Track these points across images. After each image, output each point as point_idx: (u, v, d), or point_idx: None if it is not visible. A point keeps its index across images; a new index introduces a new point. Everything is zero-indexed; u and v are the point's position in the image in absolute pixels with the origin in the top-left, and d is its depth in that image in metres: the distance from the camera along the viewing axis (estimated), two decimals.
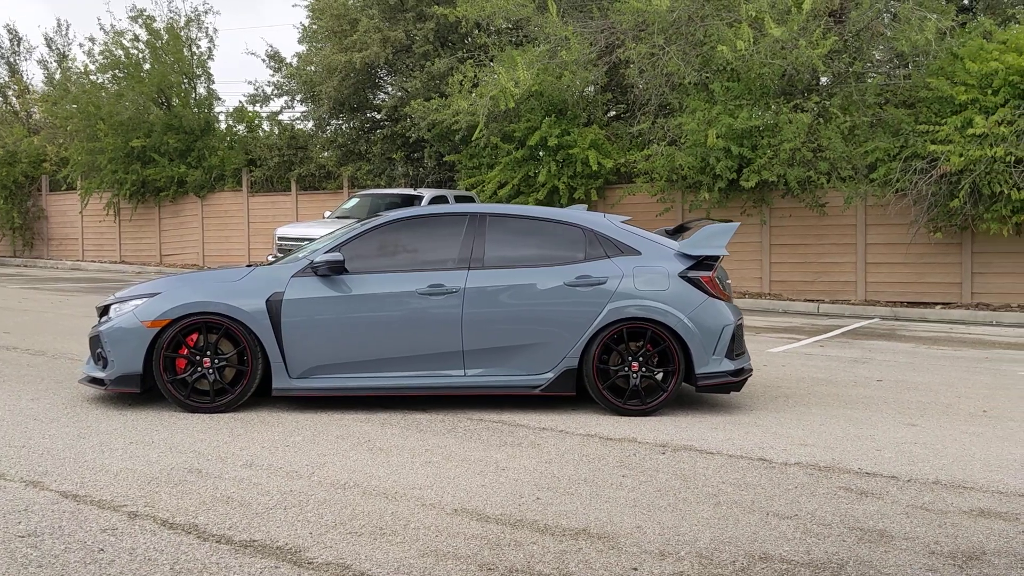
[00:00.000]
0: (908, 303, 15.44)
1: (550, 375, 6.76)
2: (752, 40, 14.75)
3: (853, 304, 15.58)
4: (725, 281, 7.21)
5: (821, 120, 15.53)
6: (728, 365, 6.87)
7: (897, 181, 14.64)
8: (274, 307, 6.63)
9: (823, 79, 16.46)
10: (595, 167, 16.74)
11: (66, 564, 3.71)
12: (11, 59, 27.00)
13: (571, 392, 6.80)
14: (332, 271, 6.68)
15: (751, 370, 7.16)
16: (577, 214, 7.21)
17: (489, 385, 6.76)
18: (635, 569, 3.82)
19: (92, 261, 24.46)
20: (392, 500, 4.65)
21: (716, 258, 7.02)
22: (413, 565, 3.80)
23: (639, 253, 6.94)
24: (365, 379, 6.71)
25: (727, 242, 7.00)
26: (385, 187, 19.91)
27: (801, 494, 4.92)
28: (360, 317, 6.68)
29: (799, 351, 10.73)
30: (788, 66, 15.12)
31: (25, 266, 24.61)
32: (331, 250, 6.82)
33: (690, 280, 6.86)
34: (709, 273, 6.91)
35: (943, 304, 15.16)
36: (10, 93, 27.17)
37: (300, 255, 7.06)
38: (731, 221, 7.26)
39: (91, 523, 4.20)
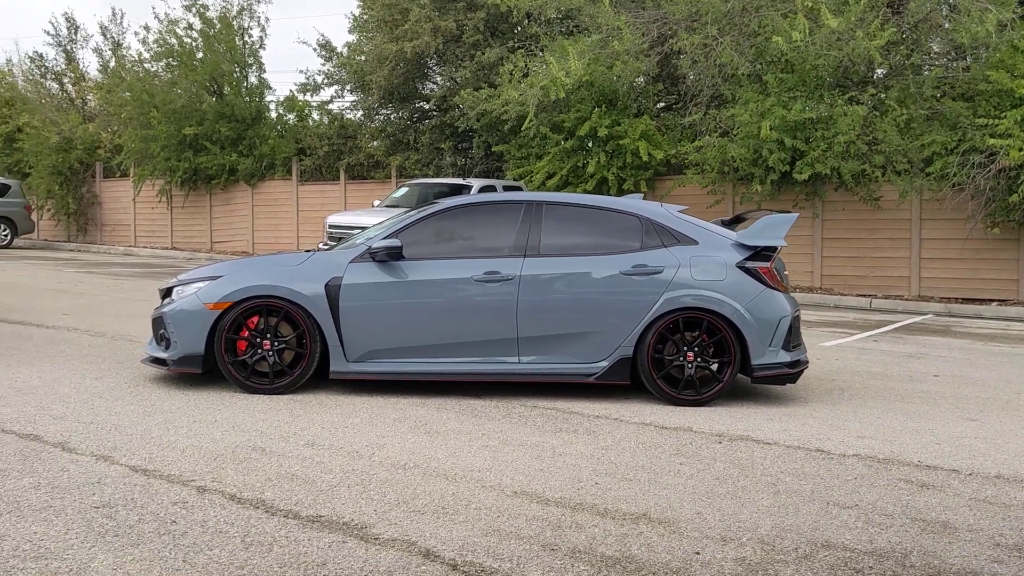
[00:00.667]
0: (963, 299, 15.22)
1: (604, 363, 6.80)
2: (808, 31, 14.60)
3: (906, 300, 15.40)
4: (783, 272, 7.18)
5: (877, 113, 15.34)
6: (784, 356, 6.85)
7: (954, 175, 14.43)
8: (333, 292, 6.74)
9: (879, 71, 16.25)
10: (645, 158, 16.70)
11: (141, 534, 3.83)
12: (68, 47, 27.56)
13: (625, 381, 6.83)
14: (390, 257, 6.78)
15: (807, 362, 7.13)
16: (634, 203, 7.23)
17: (543, 372, 6.82)
18: (697, 553, 3.86)
19: (144, 247, 24.93)
20: (452, 481, 4.72)
21: (774, 248, 7.00)
22: (477, 544, 3.86)
23: (696, 243, 6.94)
24: (420, 364, 6.80)
25: (786, 233, 6.98)
26: (433, 177, 20.03)
27: (861, 485, 4.90)
28: (416, 303, 6.77)
29: (852, 345, 10.64)
30: (844, 58, 14.95)
31: (79, 251, 25.14)
32: (389, 236, 6.92)
33: (747, 270, 6.85)
34: (767, 264, 6.89)
35: (999, 301, 14.92)
36: (66, 81, 27.73)
37: (358, 241, 7.17)
38: (790, 212, 7.23)
39: (162, 496, 4.32)
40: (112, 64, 25.55)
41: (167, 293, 7.15)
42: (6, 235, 23.94)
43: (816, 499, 4.64)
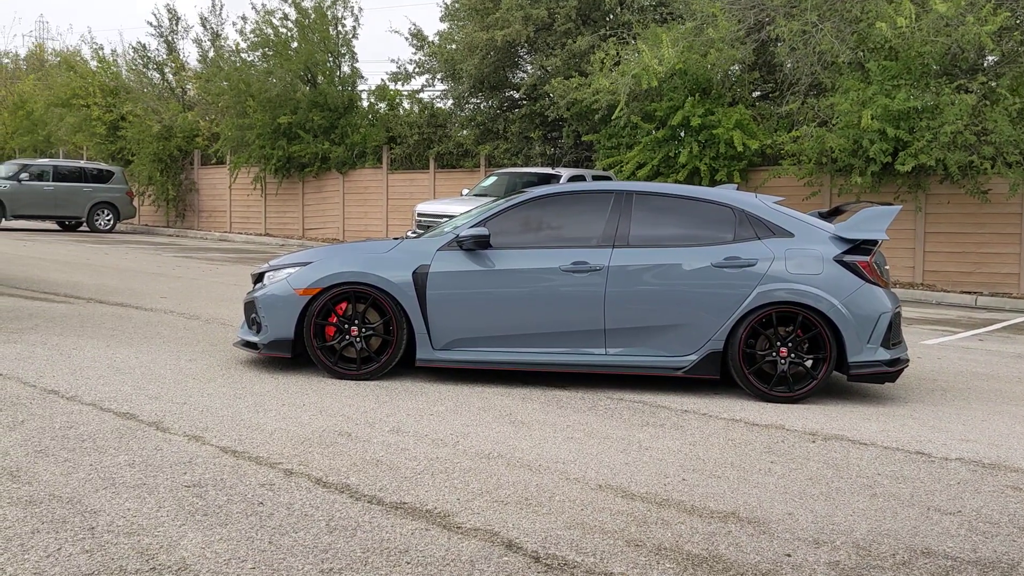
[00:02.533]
0: None
1: (693, 357, 6.67)
2: (914, 16, 14.08)
3: (1015, 298, 14.75)
4: (883, 267, 6.94)
5: (987, 102, 14.70)
6: (883, 354, 6.62)
7: None
8: (420, 279, 6.77)
9: (990, 58, 15.57)
10: (739, 148, 16.37)
11: (229, 514, 3.91)
12: (169, 38, 28.39)
13: (715, 375, 6.70)
14: (477, 245, 6.78)
15: (908, 361, 6.88)
16: (727, 193, 7.07)
17: (630, 365, 6.73)
18: (788, 555, 3.74)
19: (239, 233, 25.60)
20: (536, 472, 4.69)
21: (875, 242, 6.77)
22: (560, 536, 3.83)
23: (792, 235, 6.75)
24: (506, 353, 6.79)
25: (888, 226, 6.74)
26: (522, 166, 20.03)
27: (964, 490, 4.70)
28: (503, 292, 6.75)
29: (956, 344, 10.24)
30: (952, 44, 14.38)
31: (177, 236, 25.97)
32: (477, 224, 6.92)
33: (846, 264, 6.63)
34: (866, 258, 6.66)
35: None
36: (167, 70, 28.61)
37: (446, 229, 7.19)
38: (892, 204, 6.98)
39: (250, 478, 4.41)
40: (211, 54, 26.26)
41: (259, 278, 7.30)
42: (109, 220, 24.86)
43: (915, 503, 4.46)
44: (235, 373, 6.86)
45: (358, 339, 6.82)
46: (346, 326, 6.83)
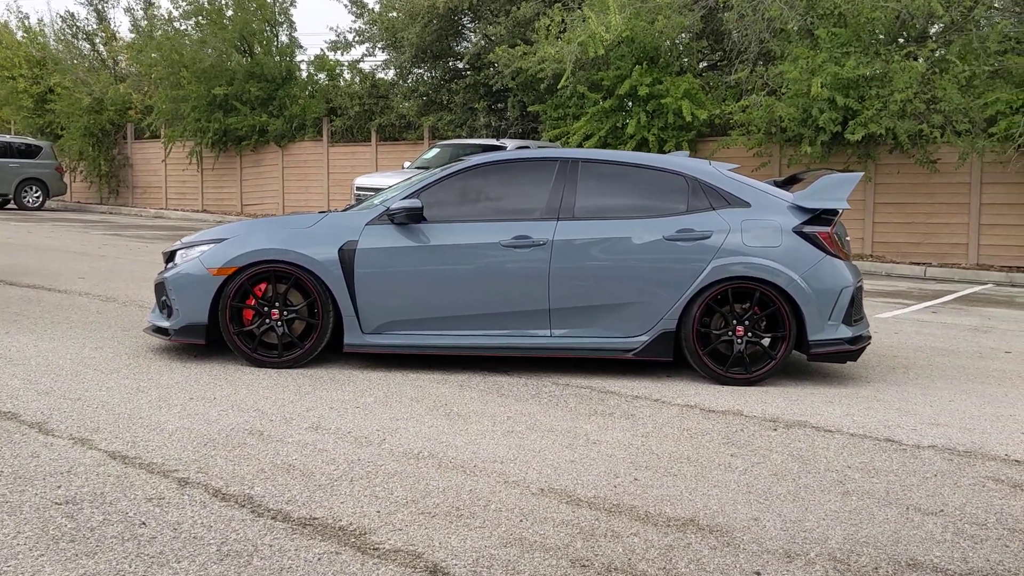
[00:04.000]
0: None
1: (644, 338, 6.14)
2: None
3: (964, 268, 14.52)
4: (844, 238, 6.46)
5: (936, 70, 14.38)
6: (845, 332, 6.15)
7: (1020, 136, 13.47)
8: (347, 257, 6.14)
9: (939, 25, 15.23)
10: (688, 118, 15.86)
11: (102, 539, 3.28)
12: (99, 6, 27.02)
13: (667, 357, 6.18)
14: (409, 219, 6.15)
15: (870, 338, 6.43)
16: (679, 160, 6.52)
17: (577, 347, 6.18)
18: (757, 573, 3.22)
19: (175, 209, 24.56)
20: (470, 475, 4.12)
21: (835, 212, 6.28)
22: (495, 557, 3.26)
23: (748, 205, 6.23)
24: (442, 336, 6.19)
25: (849, 194, 6.25)
26: (467, 138, 19.34)
27: (943, 484, 4.23)
28: (439, 270, 6.15)
29: (910, 317, 9.88)
30: (902, 10, 14.00)
31: (110, 213, 24.84)
32: (409, 196, 6.29)
33: (805, 236, 6.14)
34: (827, 228, 6.17)
35: None
36: (97, 41, 27.26)
37: (376, 201, 6.55)
38: (852, 172, 6.50)
39: (136, 490, 3.77)
40: (143, 23, 25.05)
41: (171, 257, 6.60)
42: (38, 197, 23.67)
43: (892, 502, 3.97)
44: (142, 362, 6.17)
45: (279, 323, 6.17)
46: (266, 309, 6.17)
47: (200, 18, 22.87)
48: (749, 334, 6.13)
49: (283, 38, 23.35)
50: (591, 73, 16.66)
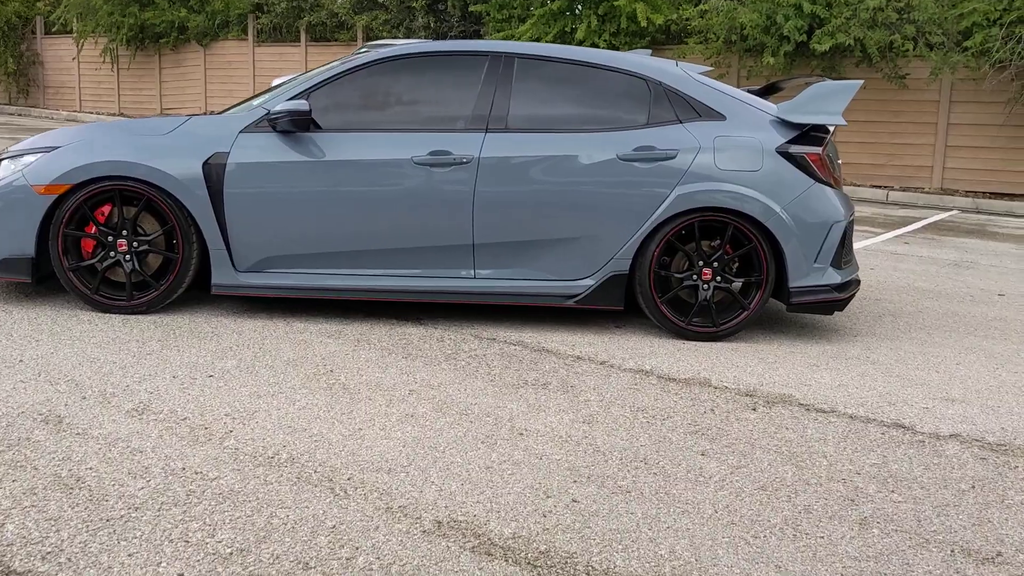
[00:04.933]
0: (991, 194, 13.30)
1: (590, 281, 4.89)
2: None
3: (927, 192, 13.48)
4: (836, 161, 5.22)
5: None
6: (833, 276, 4.96)
7: (996, 51, 12.27)
8: (215, 173, 4.73)
9: None
10: (642, 23, 14.35)
11: None
12: None
13: (617, 306, 4.94)
14: (295, 126, 4.74)
15: (859, 283, 5.26)
16: (639, 60, 5.16)
17: (506, 292, 4.90)
18: None
19: (89, 112, 22.46)
20: (339, 497, 2.85)
21: (827, 130, 5.02)
22: None
23: (723, 118, 4.93)
24: (337, 277, 4.86)
25: (845, 107, 4.97)
26: (402, 40, 17.59)
27: (987, 503, 3.08)
28: (333, 192, 4.78)
29: (883, 249, 8.77)
30: None
31: (19, 115, 22.66)
32: (296, 97, 4.87)
33: (791, 158, 4.88)
34: (818, 149, 4.92)
35: None
36: None
37: (255, 103, 5.10)
38: (849, 80, 5.24)
39: None
40: None
41: None
42: None
43: (929, 539, 2.81)
44: None
45: (128, 257, 4.78)
46: (110, 239, 4.77)
47: None
48: (718, 278, 4.91)
49: None
50: None
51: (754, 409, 3.88)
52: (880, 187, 13.83)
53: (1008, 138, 13.11)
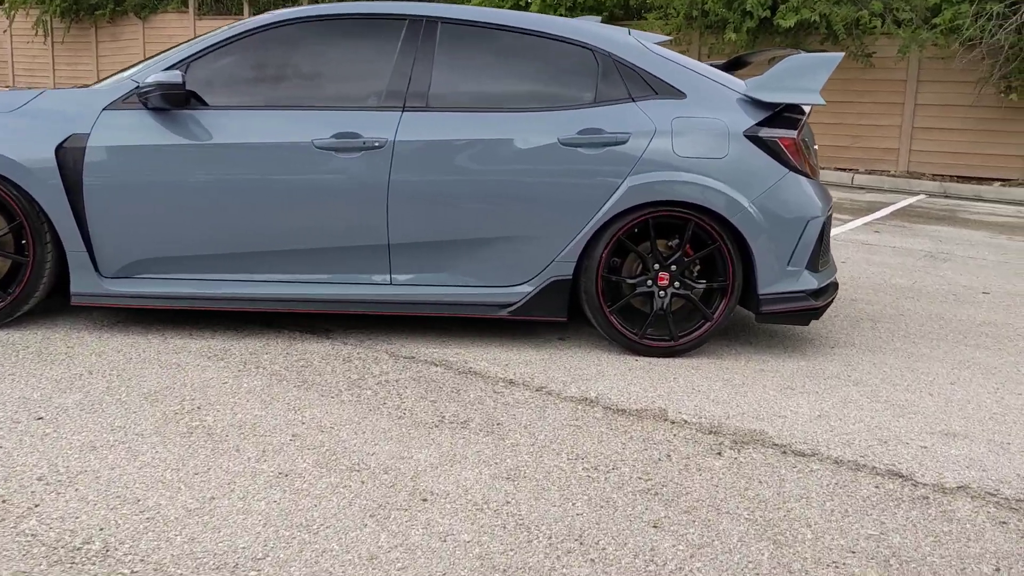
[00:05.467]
0: (959, 177, 12.72)
1: (527, 288, 4.11)
2: None
3: (893, 176, 12.86)
4: (812, 146, 4.47)
5: None
6: (810, 281, 4.22)
7: (966, 28, 11.63)
8: (71, 159, 3.87)
9: None
10: None
11: None
12: None
13: (560, 316, 4.16)
14: (169, 102, 3.89)
15: (837, 286, 4.53)
16: (587, 28, 4.34)
17: (428, 301, 4.10)
18: None
19: (25, 88, 21.21)
20: None
21: (802, 111, 4.27)
22: None
23: (682, 96, 4.15)
24: (224, 284, 4.03)
25: (824, 83, 4.21)
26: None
27: None
28: (218, 182, 3.94)
29: (853, 239, 8.09)
30: None
31: None
32: (172, 67, 4.01)
33: (762, 143, 4.12)
34: (792, 133, 4.16)
35: (1002, 181, 12.44)
36: None
37: (125, 75, 4.22)
38: (828, 52, 4.49)
39: None
40: None
41: None
42: None
43: None
44: None
45: None
46: None
47: None
48: (676, 284, 4.15)
49: None
50: None
51: (719, 454, 3.12)
52: (845, 170, 13.20)
53: (977, 120, 12.51)
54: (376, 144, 3.96)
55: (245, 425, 3.09)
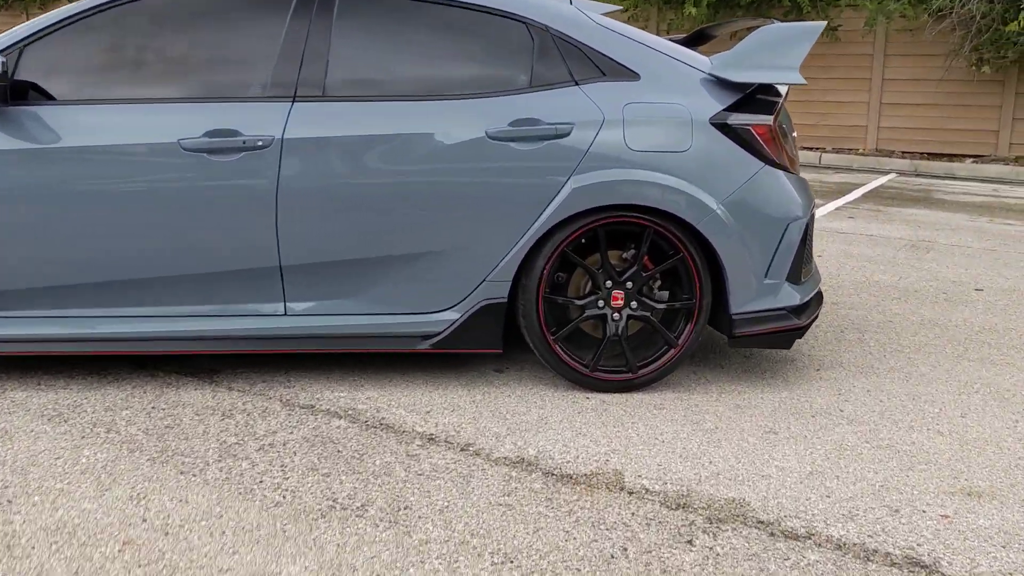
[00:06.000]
0: (929, 154, 12.14)
1: (453, 315, 3.34)
2: None
3: (862, 154, 12.24)
4: (791, 134, 3.74)
5: None
6: (791, 295, 3.50)
7: None
8: None
9: None
10: None
11: None
12: None
13: (494, 348, 3.39)
14: None
15: (822, 298, 3.81)
16: None
17: (331, 335, 3.31)
18: None
19: None
20: None
21: (780, 92, 3.53)
22: None
23: (636, 77, 3.39)
24: (74, 322, 3.22)
25: (803, 58, 3.47)
26: None
27: None
28: (62, 194, 3.12)
29: (826, 226, 7.42)
30: None
31: None
32: None
33: (732, 132, 3.37)
34: (768, 119, 3.41)
35: (974, 157, 11.86)
36: None
37: None
38: (806, 21, 3.72)
39: None
40: None
41: None
42: None
43: None
44: None
45: None
46: None
47: None
48: (633, 304, 3.41)
49: None
50: None
51: (690, 542, 2.39)
52: (812, 149, 12.56)
53: (947, 94, 11.90)
54: (259, 144, 3.16)
55: (63, 529, 2.31)
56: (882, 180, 10.72)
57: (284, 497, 2.51)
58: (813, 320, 3.61)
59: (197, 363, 3.51)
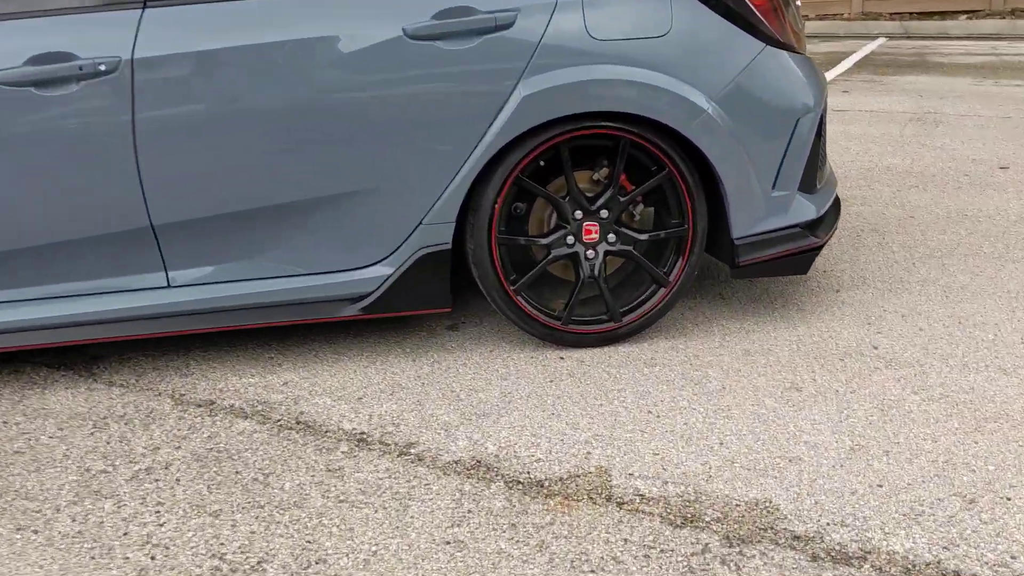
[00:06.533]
0: (919, 14, 11.21)
1: (384, 269, 2.60)
2: None
3: (848, 19, 11.31)
4: (794, 2, 2.94)
5: None
6: (805, 208, 2.78)
7: None
8: None
9: None
10: None
11: None
12: None
13: (441, 306, 2.67)
14: None
15: (840, 205, 3.09)
16: None
17: (230, 307, 2.58)
18: None
19: None
20: None
21: None
22: None
23: None
24: None
25: None
26: None
27: None
28: None
29: None
30: None
31: None
32: None
33: (721, 5, 2.58)
34: None
35: (968, 13, 10.95)
36: None
37: None
38: None
39: None
40: None
41: None
42: None
43: None
44: None
45: None
46: None
47: None
48: (611, 236, 2.67)
49: None
50: None
51: None
52: None
53: None
54: (102, 68, 2.35)
55: None
56: (872, 46, 9.84)
57: (152, 559, 1.82)
58: (832, 234, 2.90)
59: (77, 350, 2.78)
